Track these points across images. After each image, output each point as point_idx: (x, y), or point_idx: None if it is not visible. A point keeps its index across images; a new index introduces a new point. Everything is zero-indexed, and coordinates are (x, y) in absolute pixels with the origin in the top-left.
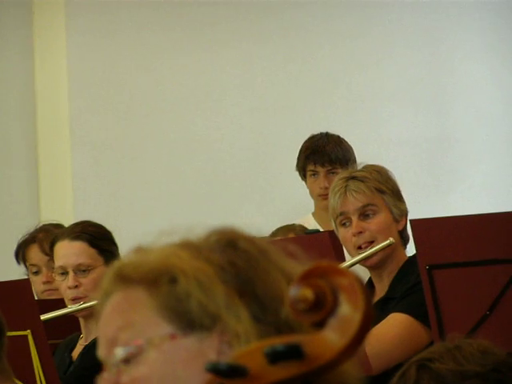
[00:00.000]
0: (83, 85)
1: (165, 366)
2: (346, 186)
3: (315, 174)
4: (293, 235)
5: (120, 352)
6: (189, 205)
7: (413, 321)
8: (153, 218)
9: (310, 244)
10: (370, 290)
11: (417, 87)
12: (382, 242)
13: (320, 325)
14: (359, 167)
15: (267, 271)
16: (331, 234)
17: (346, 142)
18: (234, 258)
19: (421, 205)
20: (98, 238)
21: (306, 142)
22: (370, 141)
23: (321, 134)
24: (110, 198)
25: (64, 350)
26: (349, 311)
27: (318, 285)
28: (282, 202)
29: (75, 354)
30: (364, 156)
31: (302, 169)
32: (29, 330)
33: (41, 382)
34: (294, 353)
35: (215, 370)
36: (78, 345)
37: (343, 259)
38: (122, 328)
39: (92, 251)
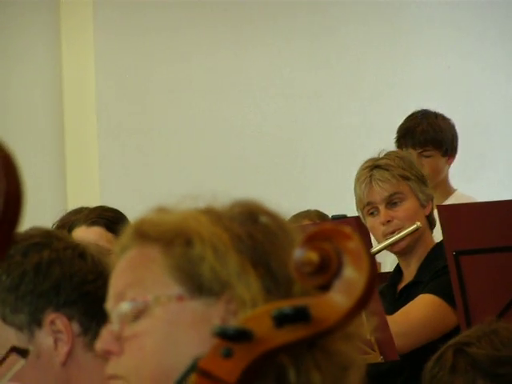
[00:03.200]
0: (110, 74)
1: (168, 325)
2: (370, 176)
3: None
4: (307, 221)
5: (126, 306)
6: (216, 192)
7: (441, 302)
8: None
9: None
10: (398, 276)
11: (444, 75)
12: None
13: (325, 288)
14: (381, 155)
15: (284, 248)
16: (358, 220)
17: (444, 120)
18: (253, 230)
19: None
20: (114, 222)
21: (403, 120)
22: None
23: (419, 111)
24: (136, 186)
25: None
26: (353, 274)
27: (323, 247)
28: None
29: None
30: (393, 144)
31: (400, 148)
32: None
33: None
34: (300, 315)
35: (222, 333)
36: None
37: (370, 246)
38: (132, 284)
39: (110, 236)
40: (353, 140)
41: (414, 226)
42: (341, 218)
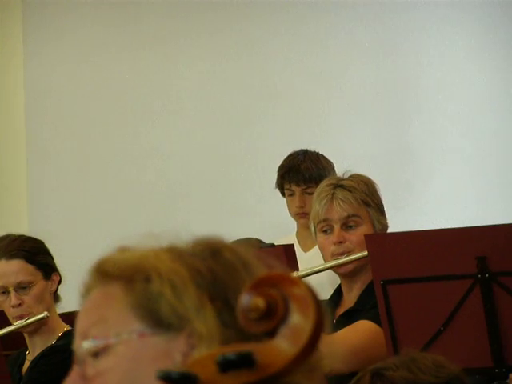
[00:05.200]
0: (39, 97)
1: (131, 362)
2: (332, 194)
3: (292, 193)
4: None
5: (88, 344)
6: (145, 217)
7: (378, 329)
8: (108, 229)
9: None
10: (337, 299)
11: (375, 101)
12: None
13: (271, 334)
14: (345, 175)
15: (245, 282)
16: (286, 248)
17: (326, 160)
18: (213, 265)
19: None
20: (34, 253)
21: (284, 159)
22: (328, 154)
23: (299, 151)
24: (65, 210)
25: (13, 365)
26: (300, 320)
27: (270, 294)
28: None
29: (24, 369)
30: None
31: (280, 187)
32: None
33: None
34: (245, 361)
35: (166, 377)
36: (26, 360)
37: (297, 270)
38: (95, 322)
39: (30, 268)
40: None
41: (365, 252)
42: (269, 247)
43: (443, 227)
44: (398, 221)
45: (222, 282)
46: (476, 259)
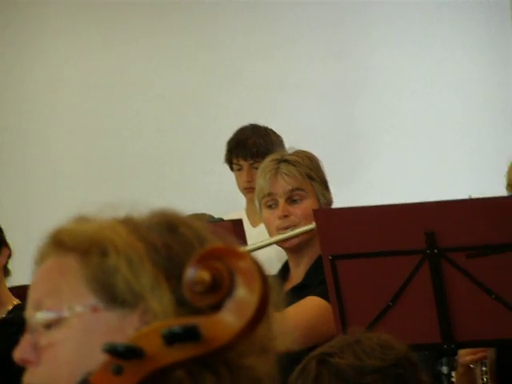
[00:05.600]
0: None
1: (83, 335)
2: (277, 168)
3: (240, 167)
4: None
5: (42, 316)
6: (95, 191)
7: (327, 305)
8: (58, 203)
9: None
10: (284, 274)
11: (324, 78)
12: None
13: (217, 307)
14: (290, 152)
15: None
16: (235, 223)
17: (274, 134)
18: (170, 241)
19: None
20: None
21: (233, 134)
22: (277, 129)
23: (248, 126)
24: (14, 183)
25: None
26: (245, 294)
27: (215, 267)
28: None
29: None
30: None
31: (229, 162)
32: None
33: None
34: (190, 334)
35: (112, 350)
36: None
37: (246, 246)
38: (49, 293)
39: None
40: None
41: (311, 225)
42: (217, 222)
43: (392, 203)
44: (347, 197)
45: (178, 259)
46: (425, 235)
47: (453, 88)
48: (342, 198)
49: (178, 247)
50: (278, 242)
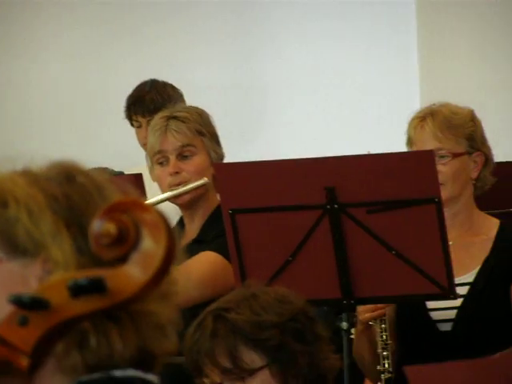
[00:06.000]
0: None
1: None
2: (166, 125)
3: (139, 124)
4: None
5: None
6: (29, 152)
7: (223, 259)
8: None
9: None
10: (180, 230)
11: (225, 33)
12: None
13: (123, 260)
14: (179, 108)
15: (100, 208)
16: (136, 177)
17: (173, 89)
18: (69, 190)
19: (225, 151)
20: None
21: (132, 90)
22: (178, 85)
23: (147, 81)
24: None
25: None
26: (151, 246)
27: (121, 219)
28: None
29: None
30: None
31: (129, 118)
32: None
33: None
34: (96, 287)
35: (18, 301)
36: None
37: (145, 200)
38: None
39: None
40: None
41: (202, 180)
42: (118, 175)
43: (293, 158)
44: (250, 153)
45: (78, 208)
46: (325, 190)
47: (356, 44)
48: (246, 154)
49: (77, 197)
50: (171, 199)
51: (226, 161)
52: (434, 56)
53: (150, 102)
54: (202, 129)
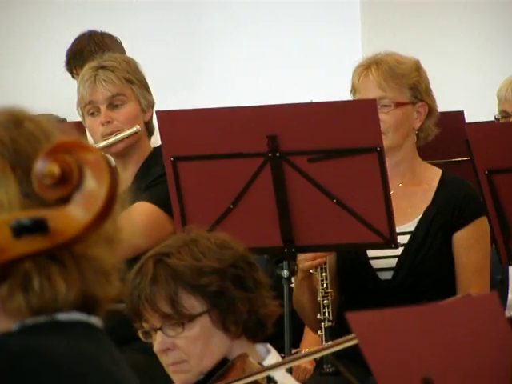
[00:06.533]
0: None
1: None
2: (95, 76)
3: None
4: None
5: None
6: None
7: (158, 210)
8: None
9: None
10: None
11: None
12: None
13: (66, 200)
14: (107, 57)
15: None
16: (79, 125)
17: (111, 39)
18: (16, 135)
19: (168, 99)
20: None
21: (71, 44)
22: (118, 34)
23: (86, 33)
24: None
25: None
26: (94, 186)
27: (64, 160)
28: None
29: None
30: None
31: (70, 71)
32: None
33: None
34: (38, 227)
35: None
36: None
37: None
38: None
39: None
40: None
41: (134, 128)
42: (60, 122)
43: (236, 105)
44: (192, 100)
45: (24, 152)
46: (267, 138)
47: None
48: (187, 101)
49: (24, 141)
50: (104, 149)
51: (168, 109)
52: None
53: (89, 55)
54: (131, 76)
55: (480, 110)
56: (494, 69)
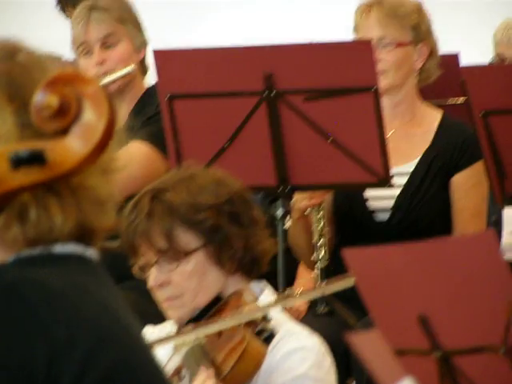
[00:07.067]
0: None
1: None
2: (88, 16)
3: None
4: None
5: None
6: None
7: (152, 148)
8: None
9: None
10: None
11: None
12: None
13: (64, 132)
14: None
15: (40, 83)
16: (74, 63)
17: None
18: (12, 67)
19: (165, 38)
20: None
21: None
22: None
23: None
24: None
25: None
26: (93, 118)
27: (63, 92)
28: None
29: None
30: None
31: (63, 11)
32: None
33: None
34: (36, 158)
35: None
36: None
37: None
38: None
39: None
40: None
41: (128, 68)
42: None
43: (232, 45)
44: (188, 40)
45: (20, 84)
46: (263, 76)
47: None
48: (188, 41)
49: (19, 72)
50: None
51: (166, 48)
52: None
53: None
54: (124, 16)
55: (475, 52)
56: (491, 11)
